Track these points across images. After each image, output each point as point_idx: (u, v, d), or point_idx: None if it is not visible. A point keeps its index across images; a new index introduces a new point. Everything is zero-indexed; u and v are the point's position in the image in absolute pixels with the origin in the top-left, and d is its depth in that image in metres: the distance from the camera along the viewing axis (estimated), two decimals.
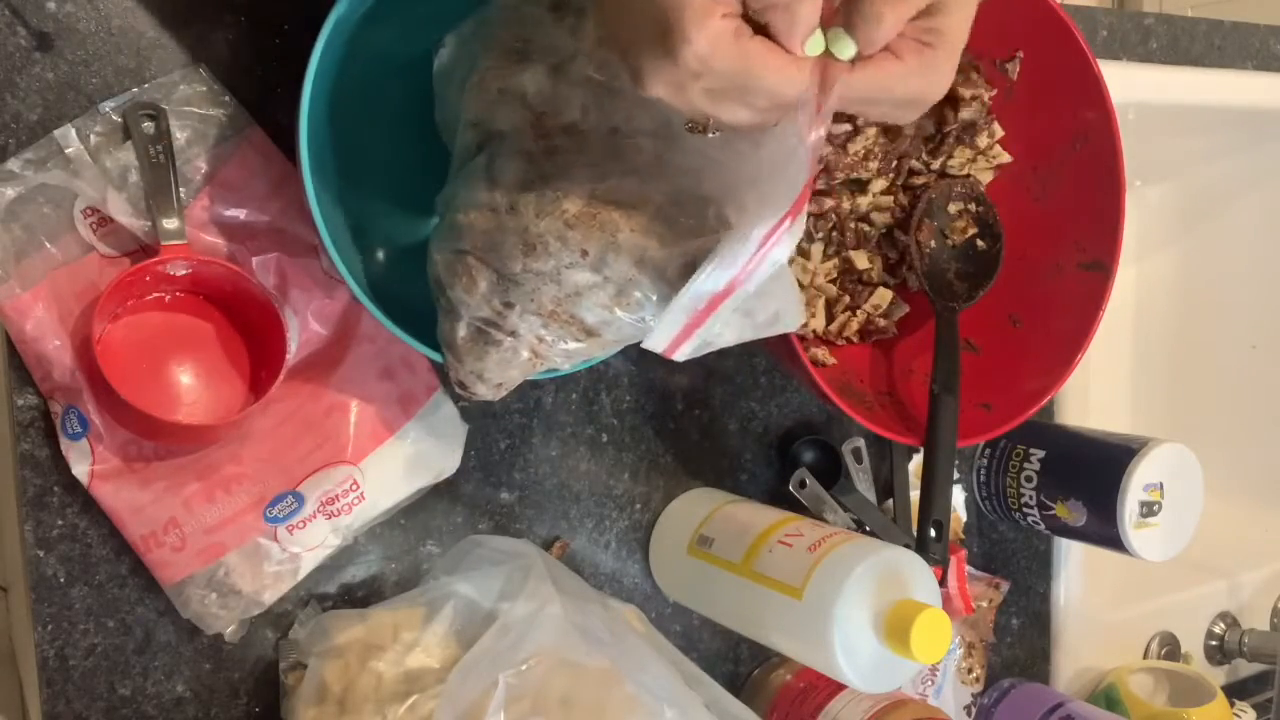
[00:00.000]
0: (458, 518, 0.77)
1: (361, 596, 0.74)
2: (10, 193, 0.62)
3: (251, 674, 0.72)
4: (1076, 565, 1.03)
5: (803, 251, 0.81)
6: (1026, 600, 1.02)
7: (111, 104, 0.65)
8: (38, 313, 0.63)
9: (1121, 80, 0.83)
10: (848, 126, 0.77)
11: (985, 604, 0.97)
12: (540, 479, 0.80)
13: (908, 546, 0.74)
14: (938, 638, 0.67)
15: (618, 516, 0.83)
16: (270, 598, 0.68)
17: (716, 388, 0.86)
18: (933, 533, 0.78)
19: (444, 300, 0.60)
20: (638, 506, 0.84)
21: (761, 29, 0.45)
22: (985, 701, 0.98)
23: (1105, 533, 0.89)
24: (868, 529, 0.87)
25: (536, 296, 0.57)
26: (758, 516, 0.78)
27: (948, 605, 0.91)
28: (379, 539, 0.75)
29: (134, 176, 0.64)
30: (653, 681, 0.67)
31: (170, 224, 0.64)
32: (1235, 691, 1.16)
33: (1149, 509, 0.88)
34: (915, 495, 0.81)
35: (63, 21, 0.64)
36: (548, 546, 0.80)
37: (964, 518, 0.99)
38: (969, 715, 0.98)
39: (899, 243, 0.86)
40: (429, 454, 0.73)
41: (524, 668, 0.63)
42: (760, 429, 0.88)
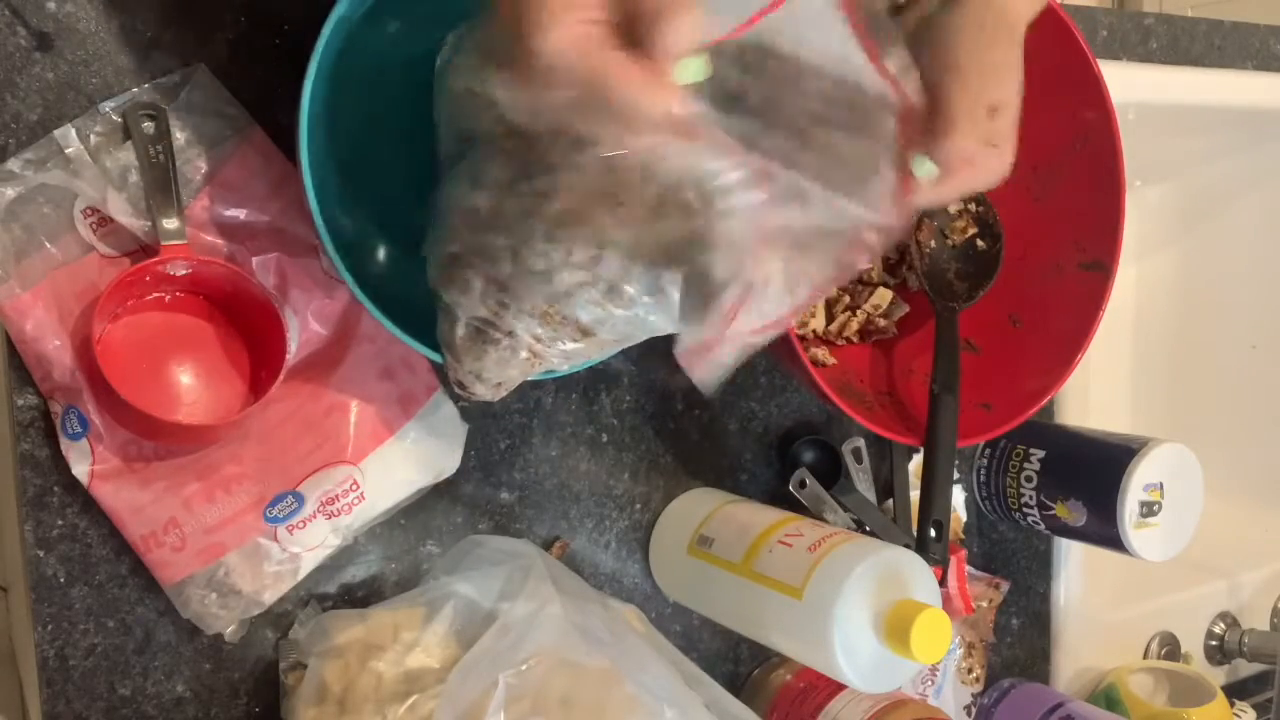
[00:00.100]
0: (458, 518, 0.77)
1: (361, 596, 0.74)
2: (10, 193, 0.62)
3: (251, 674, 0.72)
4: (1076, 565, 1.03)
5: None
6: (1026, 600, 1.02)
7: (111, 104, 0.65)
8: (38, 313, 0.63)
9: (1121, 80, 0.83)
10: None
11: (985, 604, 0.97)
12: (540, 479, 0.80)
13: (908, 546, 0.74)
14: (938, 638, 0.67)
15: (618, 516, 0.83)
16: (270, 598, 0.68)
17: (716, 388, 0.86)
18: (933, 533, 0.78)
19: (441, 301, 0.60)
20: (638, 506, 0.84)
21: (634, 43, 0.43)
22: (985, 701, 0.98)
23: (1105, 533, 0.89)
24: (868, 529, 0.87)
25: (529, 297, 0.56)
26: (758, 516, 0.78)
27: (948, 605, 0.91)
28: (379, 539, 0.75)
29: (134, 176, 0.64)
30: (653, 681, 0.67)
31: (170, 224, 0.64)
32: (1235, 691, 1.16)
33: (1149, 509, 0.88)
34: (915, 495, 0.81)
35: (63, 21, 0.64)
36: (548, 546, 0.80)
37: (964, 518, 0.99)
38: (969, 715, 0.98)
39: (899, 242, 0.86)
40: (429, 454, 0.73)
41: (524, 668, 0.63)
42: (760, 429, 0.88)
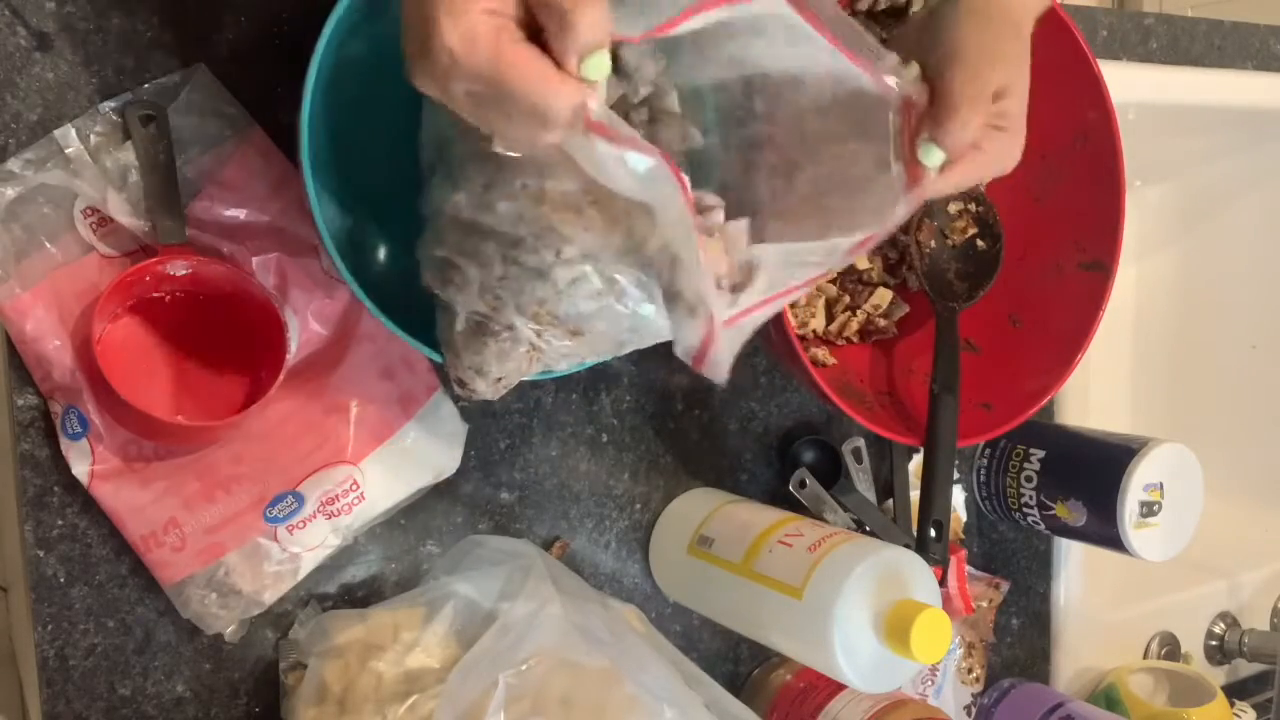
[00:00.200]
0: (458, 518, 0.77)
1: (361, 596, 0.74)
2: (10, 193, 0.62)
3: (251, 674, 0.72)
4: (1076, 565, 1.03)
5: None
6: (1026, 600, 1.02)
7: (111, 104, 0.65)
8: (38, 313, 0.63)
9: (1121, 80, 0.83)
10: None
11: (985, 604, 0.97)
12: (540, 479, 0.80)
13: (908, 546, 0.74)
14: (938, 638, 0.67)
15: (618, 516, 0.83)
16: (270, 598, 0.68)
17: (716, 388, 0.86)
18: (933, 533, 0.78)
19: (439, 299, 0.60)
20: (638, 506, 0.84)
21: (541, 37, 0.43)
22: (985, 701, 0.98)
23: (1105, 533, 0.89)
24: (868, 529, 0.87)
25: (521, 296, 0.56)
26: (758, 516, 0.78)
27: (948, 605, 0.91)
28: (379, 539, 0.75)
29: (134, 176, 0.64)
30: (653, 681, 0.67)
31: (170, 224, 0.64)
32: (1235, 691, 1.16)
33: (1149, 509, 0.88)
34: (915, 495, 0.81)
35: (63, 21, 0.64)
36: (548, 546, 0.80)
37: (964, 518, 0.99)
38: (969, 715, 0.98)
39: (899, 243, 0.86)
40: (429, 454, 0.73)
41: (524, 668, 0.63)
42: (760, 429, 0.88)
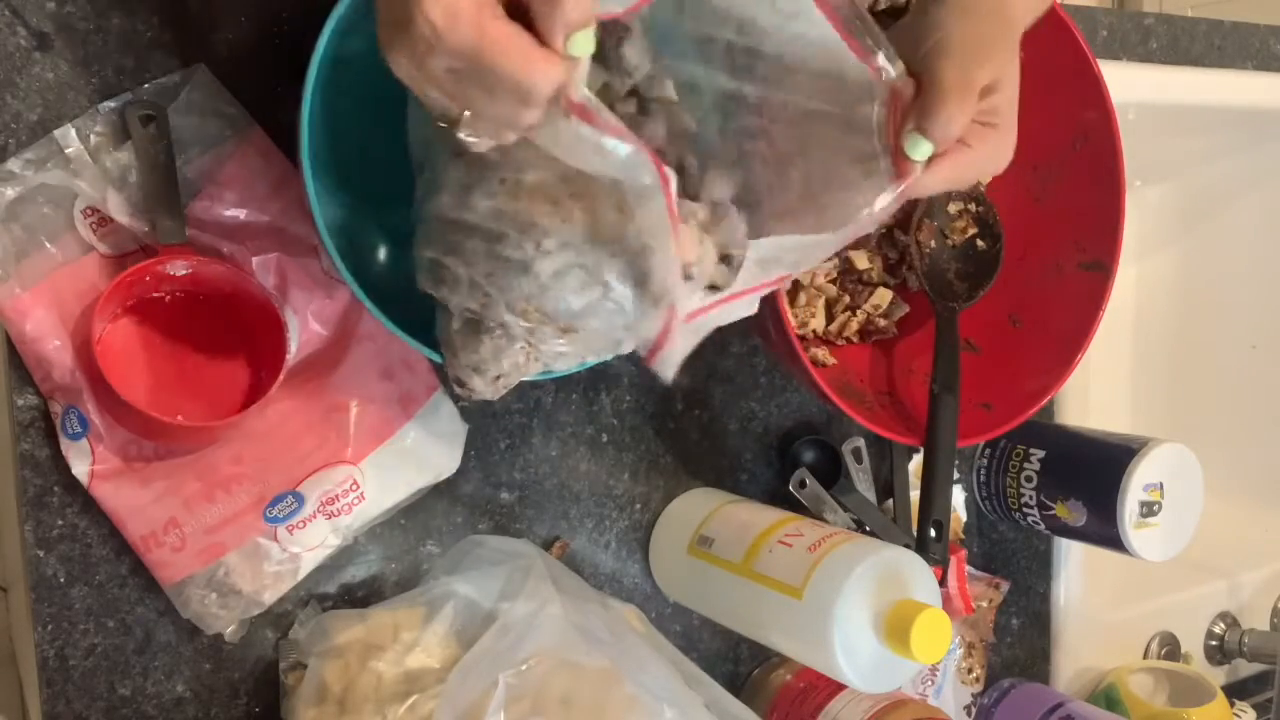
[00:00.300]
0: (458, 518, 0.77)
1: (361, 596, 0.74)
2: (10, 193, 0.62)
3: (251, 674, 0.72)
4: (1076, 565, 1.03)
5: None
6: (1026, 600, 1.02)
7: (111, 104, 0.65)
8: (38, 313, 0.63)
9: (1121, 80, 0.83)
10: None
11: (985, 604, 0.97)
12: (540, 479, 0.80)
13: (908, 546, 0.74)
14: (938, 638, 0.67)
15: (618, 516, 0.83)
16: (270, 598, 0.68)
17: (716, 388, 0.86)
18: (933, 533, 0.78)
19: (434, 299, 0.60)
20: (638, 506, 0.84)
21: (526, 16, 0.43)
22: (985, 701, 0.98)
23: (1105, 533, 0.89)
24: (868, 529, 0.87)
25: (509, 292, 0.56)
26: (758, 516, 0.78)
27: (948, 605, 0.91)
28: (379, 539, 0.75)
29: (134, 176, 0.64)
30: (653, 681, 0.67)
31: (170, 224, 0.64)
32: (1235, 691, 1.16)
33: (1149, 509, 0.88)
34: (915, 495, 0.81)
35: (63, 21, 0.64)
36: (548, 546, 0.80)
37: (964, 518, 0.99)
38: (969, 715, 0.98)
39: (899, 242, 0.86)
40: (429, 454, 0.73)
41: (524, 668, 0.63)
42: (760, 429, 0.88)
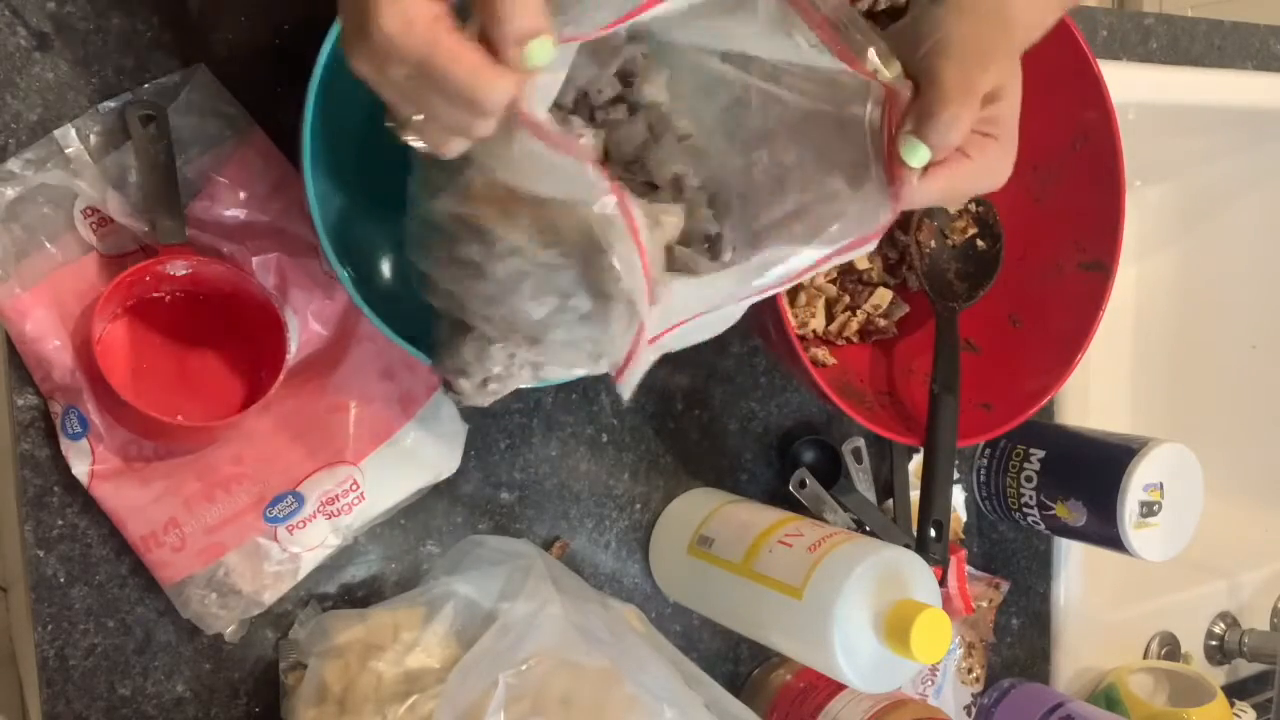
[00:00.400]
0: (458, 518, 0.77)
1: (361, 596, 0.74)
2: (10, 193, 0.62)
3: (251, 674, 0.72)
4: (1076, 565, 1.03)
5: None
6: (1026, 600, 1.02)
7: (111, 104, 0.65)
8: (38, 313, 0.63)
9: (1121, 80, 0.83)
10: None
11: (985, 604, 0.97)
12: (540, 479, 0.80)
13: (908, 546, 0.74)
14: (938, 638, 0.67)
15: (618, 516, 0.83)
16: (270, 598, 0.68)
17: (716, 388, 0.86)
18: (933, 533, 0.78)
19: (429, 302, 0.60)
20: (638, 506, 0.84)
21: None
22: (985, 701, 0.98)
23: (1105, 533, 0.89)
24: (868, 529, 0.87)
25: (471, 298, 0.55)
26: (758, 516, 0.78)
27: (948, 605, 0.91)
28: (379, 539, 0.75)
29: (134, 176, 0.64)
30: (653, 681, 0.67)
31: (170, 224, 0.64)
32: (1235, 691, 1.16)
33: (1149, 509, 0.88)
34: (915, 495, 0.81)
35: (63, 21, 0.64)
36: (548, 546, 0.80)
37: (964, 518, 0.99)
38: (969, 715, 0.98)
39: (899, 243, 0.85)
40: (429, 454, 0.73)
41: (524, 668, 0.63)
42: (760, 429, 0.88)
